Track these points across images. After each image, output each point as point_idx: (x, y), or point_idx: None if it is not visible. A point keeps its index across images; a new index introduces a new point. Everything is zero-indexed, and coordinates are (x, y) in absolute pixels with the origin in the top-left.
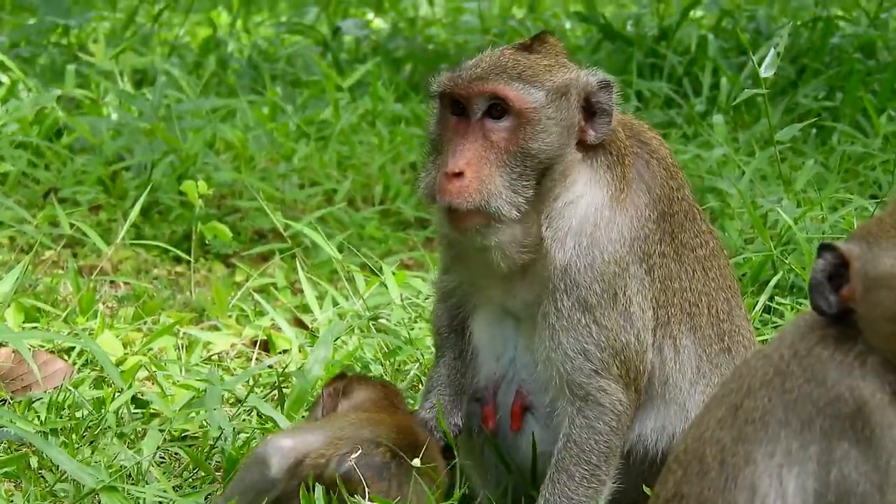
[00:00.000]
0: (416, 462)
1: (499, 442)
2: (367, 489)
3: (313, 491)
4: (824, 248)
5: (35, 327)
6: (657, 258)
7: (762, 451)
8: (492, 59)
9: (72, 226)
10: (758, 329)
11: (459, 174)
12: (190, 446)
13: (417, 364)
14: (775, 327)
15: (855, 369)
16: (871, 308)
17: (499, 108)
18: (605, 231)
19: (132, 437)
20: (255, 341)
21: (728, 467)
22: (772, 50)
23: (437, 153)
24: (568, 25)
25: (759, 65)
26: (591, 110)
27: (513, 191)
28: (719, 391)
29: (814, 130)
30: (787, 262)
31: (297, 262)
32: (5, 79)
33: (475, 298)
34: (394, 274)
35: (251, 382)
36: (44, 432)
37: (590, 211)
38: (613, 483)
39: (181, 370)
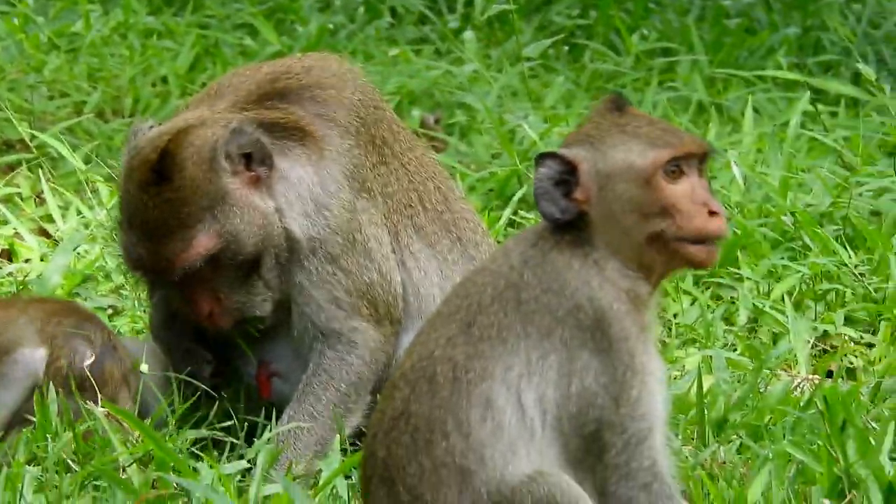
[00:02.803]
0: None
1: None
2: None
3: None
4: (545, 156)
5: None
6: (369, 173)
7: (500, 366)
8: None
9: None
10: (501, 243)
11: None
12: None
13: None
14: None
15: (593, 277)
16: (609, 204)
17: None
18: (322, 189)
19: None
20: None
21: (462, 384)
22: None
23: None
24: None
25: None
26: (245, 155)
27: (252, 294)
28: (444, 309)
29: (566, 48)
30: (532, 176)
31: (42, 173)
32: None
33: None
34: None
35: None
36: None
37: (302, 183)
38: (363, 418)
39: None
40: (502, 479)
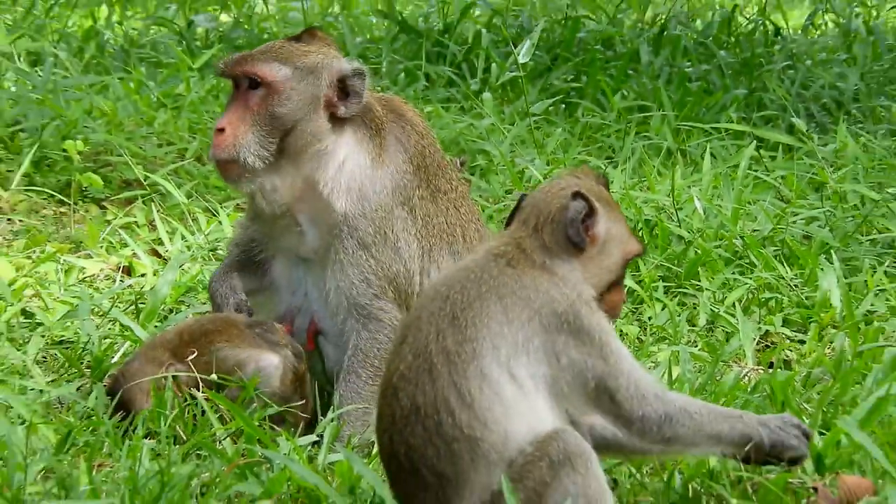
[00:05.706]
0: None
1: None
2: None
3: None
4: (580, 195)
5: None
6: (417, 200)
7: (488, 346)
8: (259, 47)
9: None
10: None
11: (221, 130)
12: (66, 349)
13: None
14: None
15: (558, 283)
16: (602, 255)
17: (254, 81)
18: (370, 185)
19: (20, 341)
20: (120, 267)
21: (457, 366)
22: (527, 41)
23: None
24: (373, 20)
25: (519, 53)
26: (345, 90)
27: (260, 145)
28: (421, 314)
29: (563, 106)
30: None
31: (154, 206)
32: None
33: (272, 248)
34: (228, 215)
35: (115, 299)
36: None
37: (356, 171)
38: None
39: (60, 289)
40: (506, 438)
